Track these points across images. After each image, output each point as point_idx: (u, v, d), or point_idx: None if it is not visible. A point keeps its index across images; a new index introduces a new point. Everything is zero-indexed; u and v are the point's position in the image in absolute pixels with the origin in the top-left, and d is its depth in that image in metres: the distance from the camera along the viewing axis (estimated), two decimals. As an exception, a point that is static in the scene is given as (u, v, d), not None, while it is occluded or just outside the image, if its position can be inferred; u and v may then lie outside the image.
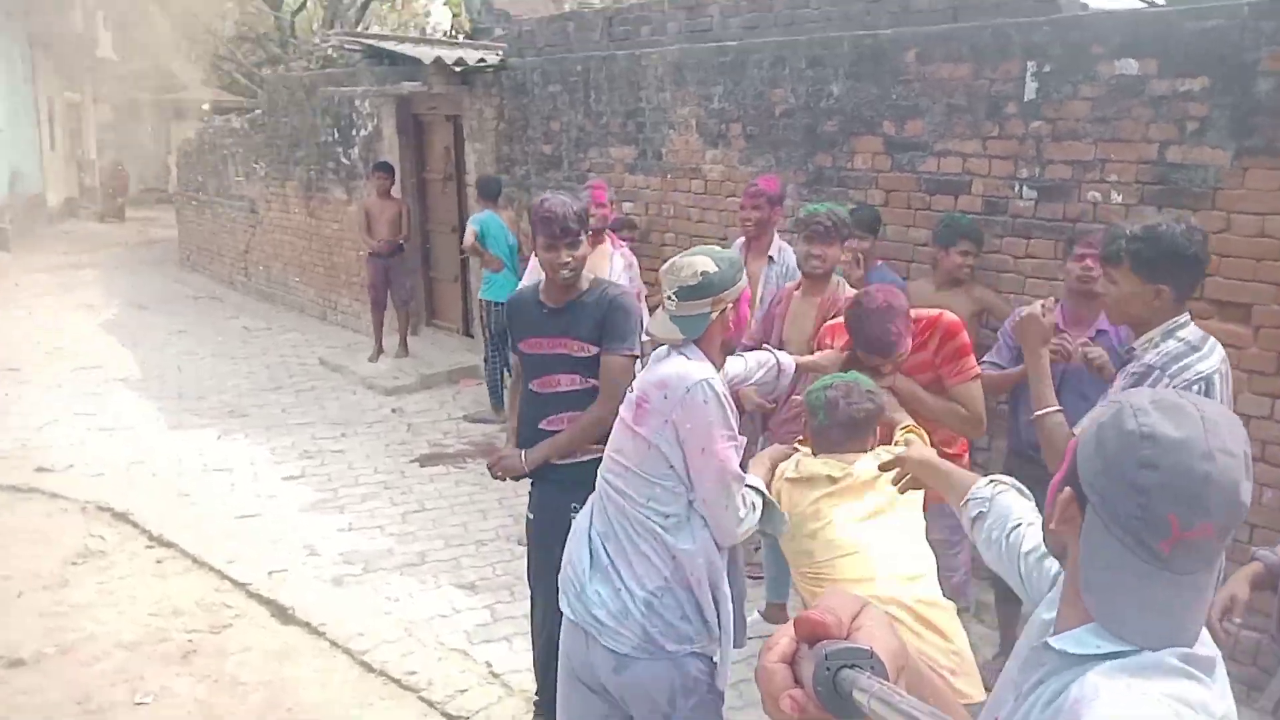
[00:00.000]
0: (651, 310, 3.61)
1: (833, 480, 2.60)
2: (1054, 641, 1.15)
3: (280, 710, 3.77)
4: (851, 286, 4.63)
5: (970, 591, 3.43)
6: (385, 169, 8.31)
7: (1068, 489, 1.17)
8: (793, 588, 3.53)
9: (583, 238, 3.19)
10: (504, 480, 3.44)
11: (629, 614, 2.40)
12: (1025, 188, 4.41)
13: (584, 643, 2.49)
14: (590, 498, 2.65)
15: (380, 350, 8.29)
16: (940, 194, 4.74)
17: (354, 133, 9.57)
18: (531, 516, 3.41)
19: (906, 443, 2.70)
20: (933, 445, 2.79)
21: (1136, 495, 1.09)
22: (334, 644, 4.19)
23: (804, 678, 0.73)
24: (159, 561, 4.90)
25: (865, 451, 2.69)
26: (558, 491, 3.20)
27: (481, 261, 6.93)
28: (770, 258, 4.84)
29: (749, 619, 3.15)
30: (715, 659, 2.52)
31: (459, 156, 8.31)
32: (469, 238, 6.81)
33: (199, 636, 4.23)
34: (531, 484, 3.40)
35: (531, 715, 3.60)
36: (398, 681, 3.92)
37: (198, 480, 5.97)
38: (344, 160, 9.83)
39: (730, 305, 2.46)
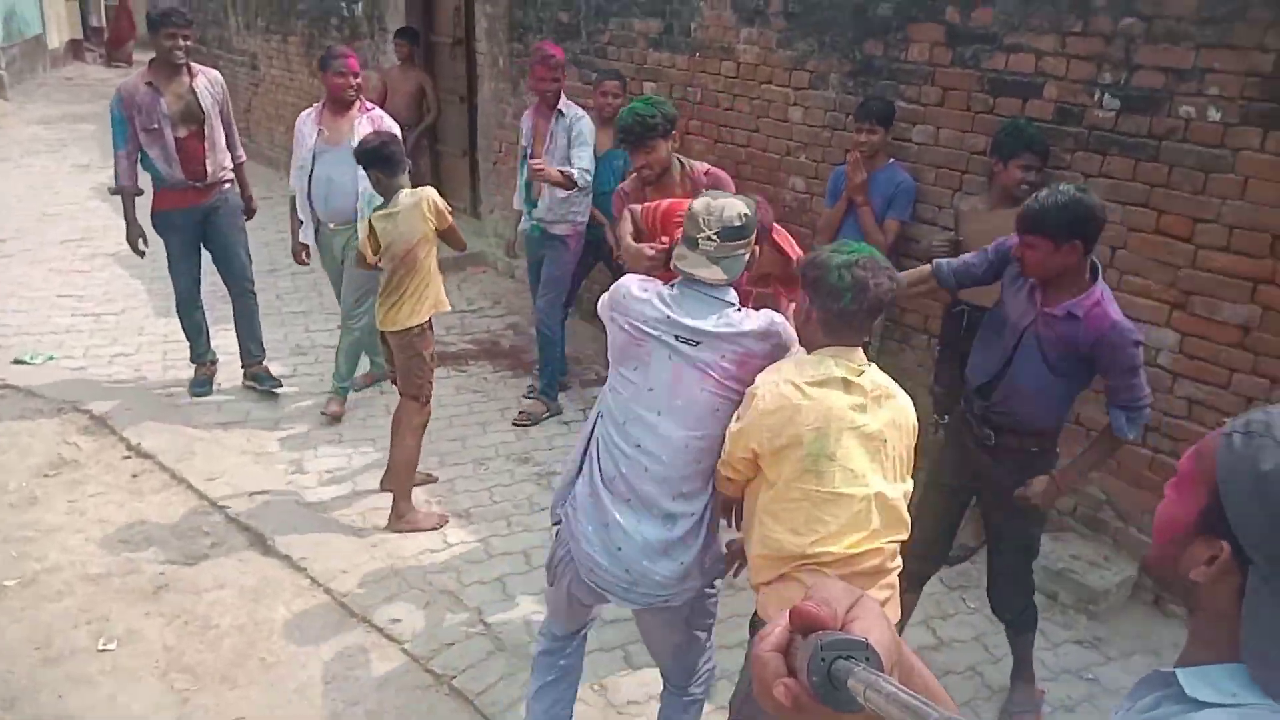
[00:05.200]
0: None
1: (848, 387, 2.26)
2: (1183, 677, 1.03)
3: (253, 659, 3.50)
4: (853, 189, 4.32)
5: None
6: (409, 35, 7.63)
7: (1224, 545, 1.00)
8: None
9: None
10: None
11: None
12: (1108, 95, 3.79)
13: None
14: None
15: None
16: (1006, 96, 4.12)
17: (357, -15, 8.80)
18: None
19: None
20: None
21: None
22: (314, 581, 3.89)
23: (798, 667, 0.72)
24: (135, 476, 4.59)
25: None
26: None
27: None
28: (560, 111, 5.11)
29: None
30: None
31: (469, 19, 7.59)
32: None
33: (172, 569, 3.94)
34: None
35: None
36: (380, 630, 3.63)
37: (184, 377, 5.61)
38: (346, 15, 9.09)
39: (755, 250, 2.57)
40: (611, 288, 2.59)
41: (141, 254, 5.39)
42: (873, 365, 2.34)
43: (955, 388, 4.16)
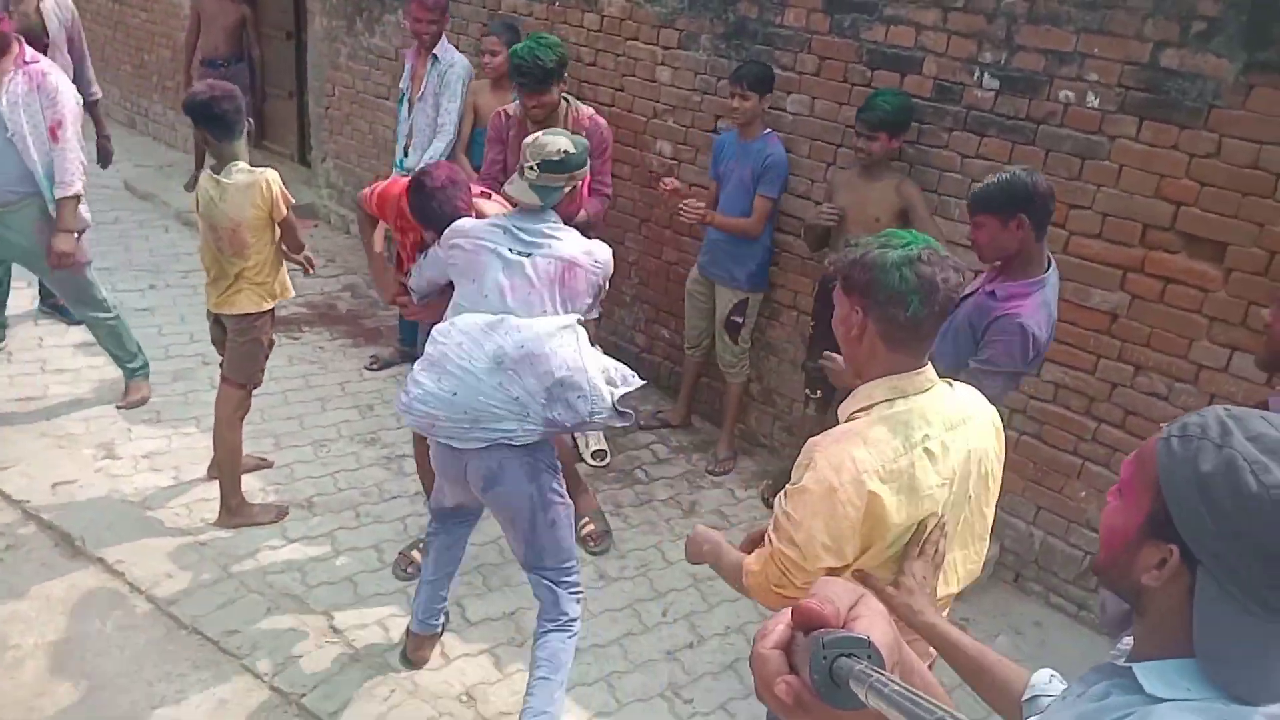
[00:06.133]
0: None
1: (932, 459, 1.83)
2: (1140, 672, 1.05)
3: (63, 685, 3.05)
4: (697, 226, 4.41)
5: None
6: None
7: (1173, 550, 1.03)
8: None
9: None
10: None
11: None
12: (987, 75, 3.74)
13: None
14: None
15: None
16: (884, 69, 4.02)
17: (165, -101, 7.87)
18: None
19: None
20: None
21: (1272, 565, 0.98)
22: (134, 588, 3.44)
23: (799, 665, 0.72)
24: (-94, 466, 3.95)
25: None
26: None
27: None
28: (435, 56, 4.83)
29: None
30: None
31: (296, -54, 6.92)
32: None
33: (-43, 578, 3.40)
34: None
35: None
36: (215, 643, 3.25)
37: (-36, 345, 4.89)
38: (153, -67, 8.14)
39: (578, 184, 2.88)
40: (450, 227, 2.89)
41: None
42: (945, 386, 1.93)
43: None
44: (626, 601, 3.66)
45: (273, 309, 3.68)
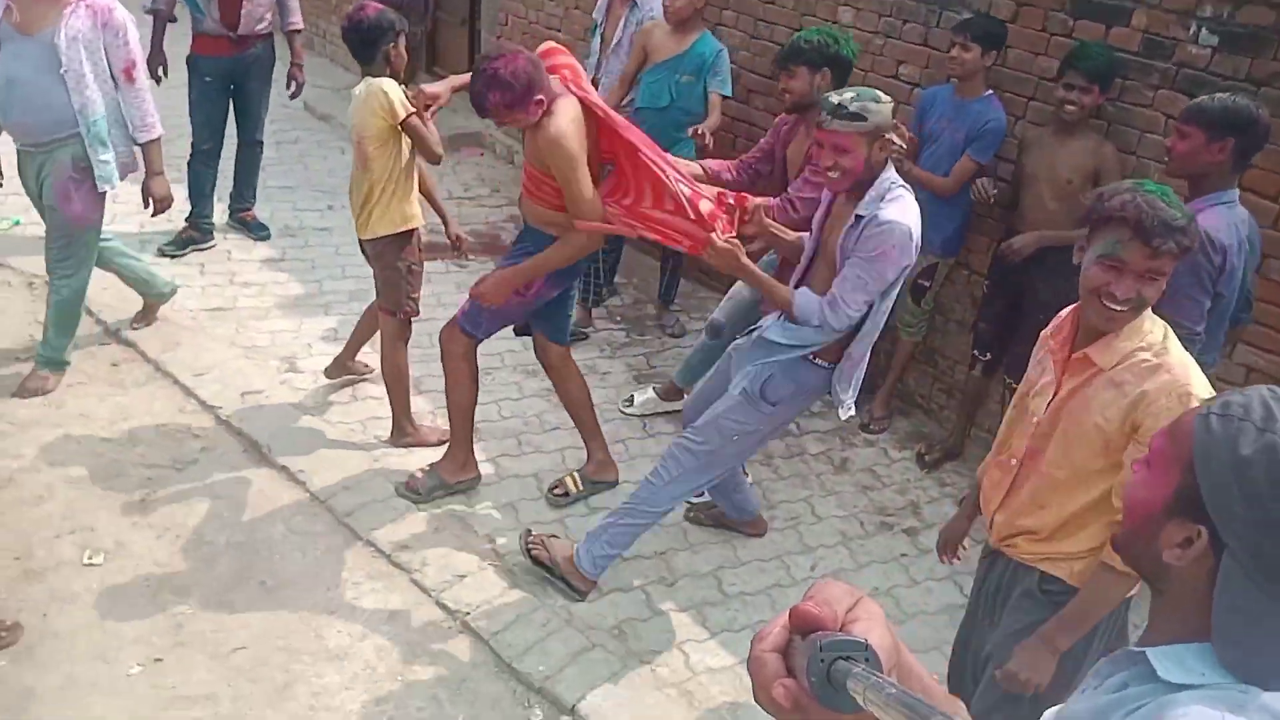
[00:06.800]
0: None
1: None
2: (1154, 656, 1.03)
3: (252, 582, 3.30)
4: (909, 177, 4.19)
5: None
6: None
7: (1201, 530, 1.02)
8: None
9: None
10: None
11: None
12: (1205, 30, 3.48)
13: None
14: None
15: (374, 100, 7.27)
16: (1088, 19, 3.79)
17: None
18: None
19: None
20: None
21: None
22: (314, 498, 3.67)
23: (797, 668, 0.72)
24: (114, 365, 4.27)
25: None
26: None
27: None
28: (634, 2, 4.85)
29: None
30: None
31: None
32: None
33: (160, 474, 3.69)
34: None
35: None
36: (387, 557, 3.44)
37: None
38: None
39: None
40: (909, 236, 2.77)
41: (158, 80, 5.04)
42: None
43: (1004, 325, 3.98)
44: (775, 553, 3.69)
45: (409, 233, 3.73)
